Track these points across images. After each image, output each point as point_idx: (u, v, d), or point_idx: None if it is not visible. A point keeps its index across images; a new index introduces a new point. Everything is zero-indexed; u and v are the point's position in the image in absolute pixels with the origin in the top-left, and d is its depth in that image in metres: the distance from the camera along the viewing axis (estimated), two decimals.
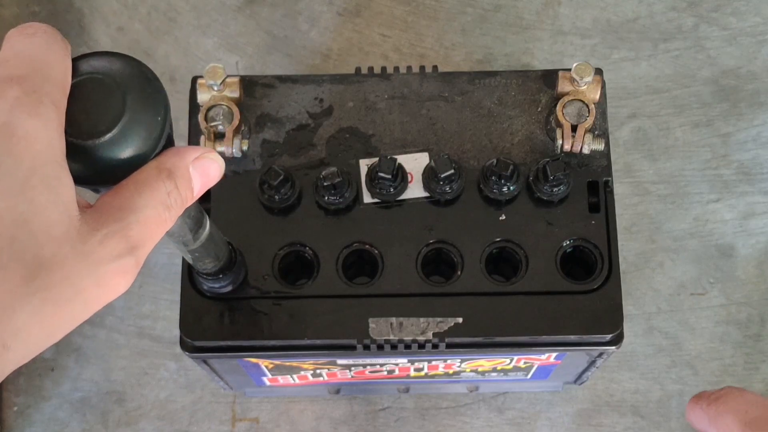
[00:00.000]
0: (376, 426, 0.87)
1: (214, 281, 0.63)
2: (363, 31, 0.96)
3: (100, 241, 0.38)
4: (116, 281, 0.38)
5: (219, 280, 0.63)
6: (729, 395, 0.54)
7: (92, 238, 0.37)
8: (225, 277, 0.63)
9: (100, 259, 0.37)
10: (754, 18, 0.96)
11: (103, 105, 0.39)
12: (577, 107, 0.66)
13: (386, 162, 0.65)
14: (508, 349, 0.68)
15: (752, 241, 0.91)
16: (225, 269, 0.62)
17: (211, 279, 0.63)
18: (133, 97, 0.39)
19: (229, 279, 0.64)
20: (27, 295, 0.35)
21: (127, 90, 0.39)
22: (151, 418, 0.88)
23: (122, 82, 0.40)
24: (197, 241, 0.54)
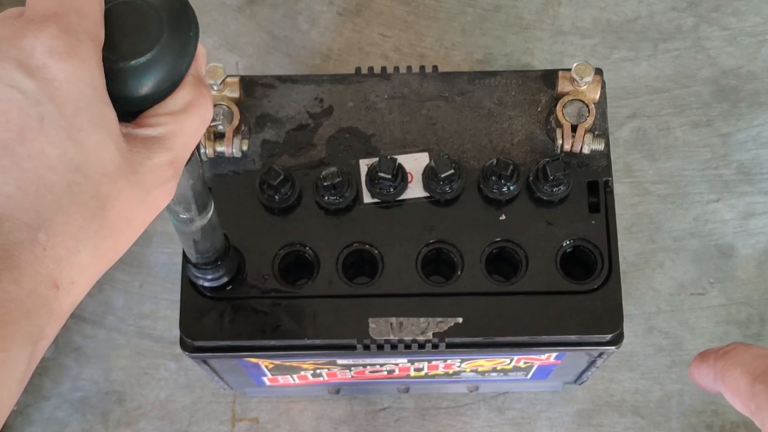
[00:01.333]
0: (376, 426, 0.87)
1: (212, 271, 0.62)
2: (363, 31, 0.96)
3: (152, 169, 0.39)
4: (163, 201, 0.40)
5: (216, 269, 0.62)
6: (736, 350, 0.53)
7: (143, 167, 0.38)
8: (221, 267, 0.62)
9: (151, 185, 0.39)
10: (754, 18, 0.96)
11: (140, 25, 0.39)
12: (577, 107, 0.66)
13: (386, 162, 0.65)
14: (508, 349, 0.68)
15: (752, 241, 0.91)
16: (221, 258, 0.62)
17: (209, 270, 0.62)
18: (167, 14, 0.40)
19: (224, 269, 0.63)
20: (89, 235, 0.36)
21: (159, 8, 0.40)
22: (151, 418, 0.88)
23: (155, 6, 0.40)
24: (203, 217, 0.54)
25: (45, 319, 0.36)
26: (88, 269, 0.37)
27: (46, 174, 0.35)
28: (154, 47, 0.39)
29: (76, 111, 0.36)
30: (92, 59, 0.36)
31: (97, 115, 0.36)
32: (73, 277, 0.36)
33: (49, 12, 0.36)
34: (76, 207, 0.36)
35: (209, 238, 0.58)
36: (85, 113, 0.36)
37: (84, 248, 0.36)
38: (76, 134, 0.36)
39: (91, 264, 0.37)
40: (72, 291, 0.37)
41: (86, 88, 0.36)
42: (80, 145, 0.36)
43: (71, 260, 0.36)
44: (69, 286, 0.36)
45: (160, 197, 0.40)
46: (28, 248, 0.35)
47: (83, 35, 0.36)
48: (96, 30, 0.37)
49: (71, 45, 0.36)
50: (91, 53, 0.37)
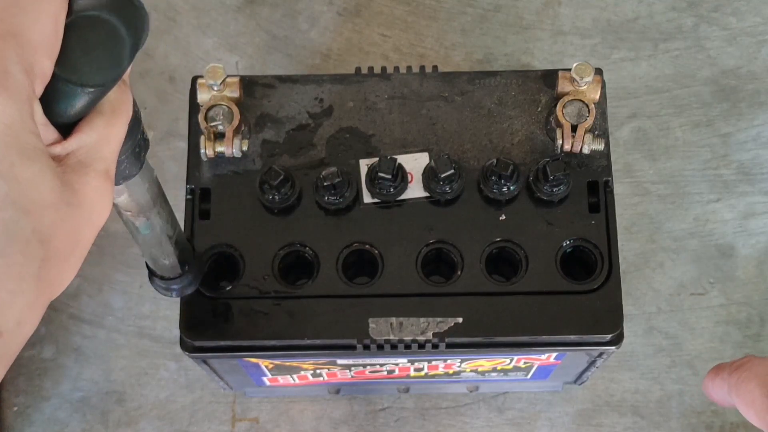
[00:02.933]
0: (376, 426, 0.87)
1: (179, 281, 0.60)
2: (363, 31, 0.96)
3: (90, 185, 0.37)
4: (104, 214, 0.39)
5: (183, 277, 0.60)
6: (751, 362, 0.52)
7: (81, 185, 0.37)
8: (188, 274, 0.60)
9: (92, 202, 0.37)
10: (754, 18, 0.96)
11: (103, 47, 0.37)
12: (577, 107, 0.66)
13: (386, 162, 0.65)
14: (508, 349, 0.68)
15: (752, 241, 0.91)
16: (187, 264, 0.60)
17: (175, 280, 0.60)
18: (132, 36, 0.37)
19: (191, 276, 0.60)
20: (33, 271, 0.34)
21: (127, 27, 0.37)
22: (151, 418, 0.88)
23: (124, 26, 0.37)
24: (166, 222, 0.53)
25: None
26: (35, 304, 0.35)
27: None
28: (114, 77, 0.37)
29: (5, 147, 0.33)
30: (21, 93, 0.33)
31: (28, 148, 0.34)
32: (20, 317, 0.34)
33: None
34: (15, 246, 0.33)
35: (174, 241, 0.56)
36: (14, 148, 0.33)
37: (28, 286, 0.34)
38: (7, 170, 0.33)
39: (37, 299, 0.35)
40: (19, 332, 0.34)
41: (14, 122, 0.33)
42: (13, 181, 0.33)
43: (14, 302, 0.33)
44: (15, 329, 0.34)
45: (101, 212, 0.38)
46: None
47: (15, 66, 0.33)
48: (36, 58, 0.34)
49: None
50: (20, 86, 0.33)
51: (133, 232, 0.54)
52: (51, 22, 0.35)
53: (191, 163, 0.68)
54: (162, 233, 0.55)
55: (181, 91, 0.93)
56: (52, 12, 0.35)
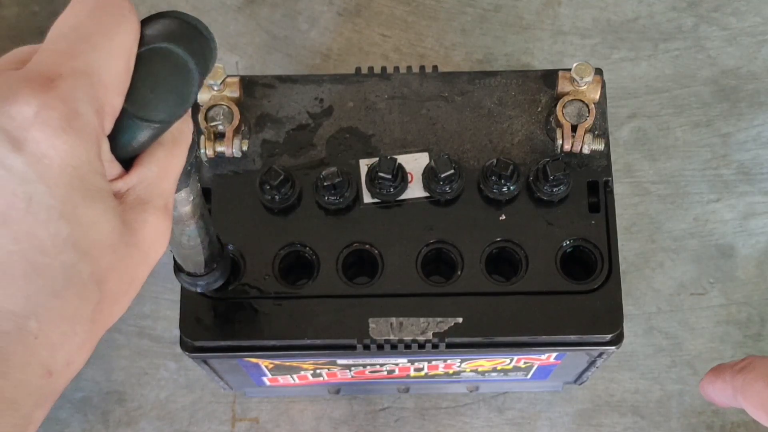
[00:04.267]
0: (376, 426, 0.87)
1: (206, 277, 0.60)
2: (363, 31, 0.96)
3: (149, 224, 0.36)
4: (160, 251, 0.38)
5: (211, 273, 0.60)
6: (754, 363, 0.52)
7: (141, 224, 0.36)
8: (216, 271, 0.60)
9: (150, 241, 0.36)
10: (754, 18, 0.96)
11: (172, 82, 0.36)
12: (577, 107, 0.66)
13: (386, 162, 0.65)
14: (508, 349, 0.68)
15: (752, 241, 0.91)
16: (216, 262, 0.60)
17: (203, 276, 0.60)
18: (201, 69, 0.36)
19: (219, 273, 0.61)
20: (87, 313, 0.34)
21: (196, 61, 0.36)
22: (151, 418, 0.88)
23: (194, 60, 0.36)
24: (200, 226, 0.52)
25: (33, 406, 0.33)
26: (86, 345, 0.35)
27: (35, 257, 0.32)
28: (180, 113, 0.36)
29: (70, 188, 0.32)
30: (90, 133, 0.33)
31: (92, 189, 0.33)
32: (70, 358, 0.34)
33: (52, 73, 0.32)
34: (72, 289, 0.33)
35: (206, 245, 0.57)
36: (79, 189, 0.33)
37: (81, 328, 0.34)
38: (70, 212, 0.32)
39: (88, 339, 0.35)
40: (67, 372, 0.34)
41: (81, 164, 0.33)
42: (76, 223, 0.33)
43: (67, 343, 0.33)
44: (64, 369, 0.34)
45: (158, 248, 0.37)
46: (17, 338, 0.32)
47: (86, 106, 0.33)
48: (108, 96, 0.34)
49: (67, 118, 0.32)
50: (90, 127, 0.33)
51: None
52: (123, 58, 0.34)
53: None
54: (196, 240, 0.55)
55: None
56: (124, 48, 0.34)
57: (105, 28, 0.34)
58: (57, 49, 0.33)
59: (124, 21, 0.34)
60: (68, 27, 0.34)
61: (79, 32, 0.33)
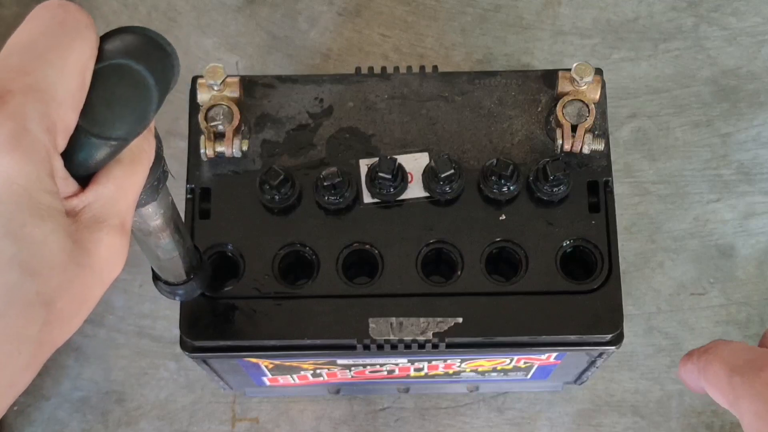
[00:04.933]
0: (376, 426, 0.87)
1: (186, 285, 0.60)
2: (363, 31, 0.96)
3: (103, 243, 0.35)
4: (116, 271, 0.37)
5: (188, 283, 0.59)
6: (716, 346, 0.54)
7: (94, 243, 0.35)
8: (194, 281, 0.60)
9: (104, 260, 0.36)
10: (754, 18, 0.96)
11: (129, 99, 0.35)
12: (577, 107, 0.66)
13: (386, 162, 0.65)
14: (508, 349, 0.68)
15: (752, 241, 0.91)
16: (194, 269, 0.59)
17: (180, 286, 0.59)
18: (161, 87, 0.35)
19: (197, 283, 0.60)
20: (33, 334, 0.33)
21: (156, 78, 0.35)
22: (151, 418, 0.88)
23: (153, 77, 0.35)
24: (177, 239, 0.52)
25: None
26: (31, 366, 0.33)
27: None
28: (138, 131, 0.35)
29: (16, 207, 0.31)
30: (40, 151, 0.32)
31: (41, 207, 0.32)
32: (12, 379, 0.33)
33: (1, 90, 0.31)
34: (16, 309, 0.32)
35: (183, 257, 0.56)
36: (27, 208, 0.32)
37: (26, 348, 0.33)
38: (16, 231, 0.31)
39: (33, 360, 0.33)
40: (10, 392, 0.33)
41: (29, 182, 0.32)
42: (22, 242, 0.32)
43: (10, 364, 0.32)
44: (6, 390, 0.33)
45: (113, 268, 0.37)
46: None
47: (35, 123, 0.32)
48: (60, 113, 0.33)
49: (15, 136, 0.31)
50: (40, 144, 0.32)
51: (141, 246, 0.53)
52: (78, 74, 0.33)
53: (191, 163, 0.68)
54: (172, 253, 0.54)
55: (181, 90, 0.93)
56: (79, 64, 0.33)
57: (59, 44, 0.33)
58: (9, 65, 0.32)
59: (79, 36, 0.33)
60: (22, 43, 0.33)
61: (32, 48, 0.33)
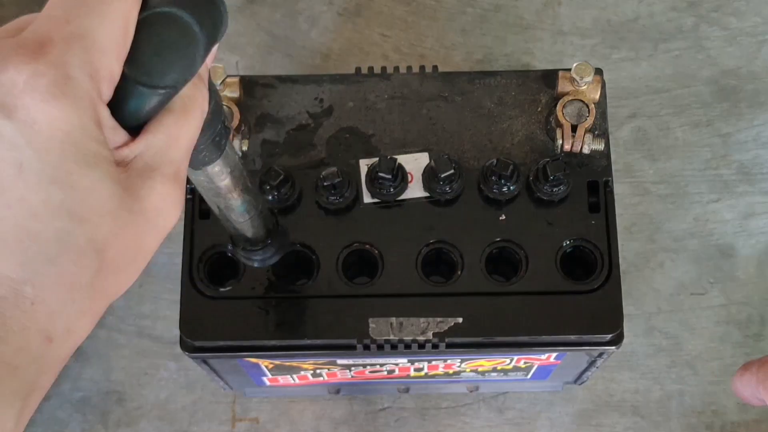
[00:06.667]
0: (376, 426, 0.87)
1: (261, 251, 0.59)
2: (363, 31, 0.96)
3: (157, 191, 0.35)
4: (171, 220, 0.37)
5: (265, 249, 0.59)
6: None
7: (146, 191, 0.35)
8: (270, 246, 0.59)
9: (157, 209, 0.36)
10: (754, 18, 0.96)
11: (176, 47, 0.35)
12: (577, 107, 0.66)
13: (386, 162, 0.65)
14: (508, 349, 0.68)
15: (752, 241, 0.91)
16: (270, 237, 0.58)
17: (257, 250, 0.59)
18: (208, 34, 0.35)
19: (274, 248, 0.59)
20: (86, 281, 0.34)
21: (202, 25, 0.35)
22: (151, 418, 0.88)
23: (200, 24, 0.35)
24: (246, 200, 0.51)
25: (36, 373, 0.34)
26: (87, 313, 0.34)
27: (27, 223, 0.32)
28: (186, 78, 0.35)
29: (62, 154, 0.32)
30: (84, 99, 0.32)
31: (88, 154, 0.33)
32: (69, 325, 0.34)
33: (44, 39, 0.32)
34: (68, 255, 0.33)
35: (256, 219, 0.55)
36: (72, 155, 0.32)
37: (80, 295, 0.34)
38: (63, 177, 0.32)
39: (90, 308, 0.34)
40: (69, 339, 0.34)
41: (74, 129, 0.32)
42: (69, 189, 0.32)
43: (65, 310, 0.33)
44: (65, 335, 0.34)
45: (168, 217, 0.37)
46: (13, 303, 0.32)
47: (78, 70, 0.32)
48: (103, 61, 0.33)
49: (58, 84, 0.32)
50: (83, 92, 0.32)
51: (213, 208, 0.52)
52: (121, 22, 0.33)
53: None
54: (244, 216, 0.54)
55: None
56: (122, 11, 0.33)
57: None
58: (52, 15, 0.33)
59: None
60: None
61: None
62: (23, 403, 0.33)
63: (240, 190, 0.50)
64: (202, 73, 0.38)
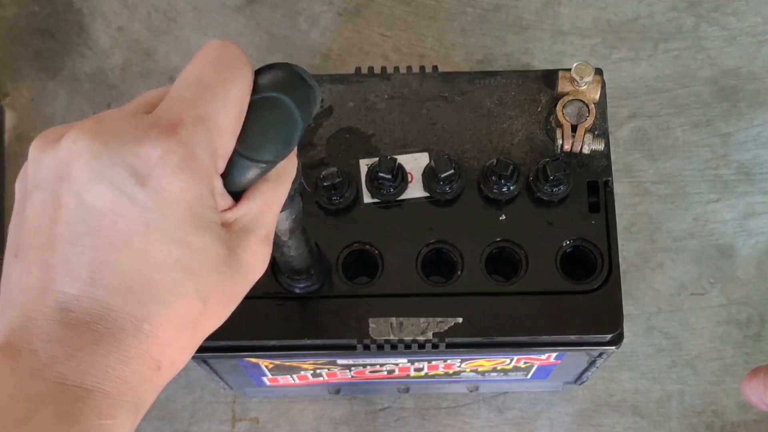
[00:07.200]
0: (376, 426, 0.87)
1: (304, 280, 0.64)
2: (363, 31, 0.96)
3: (251, 250, 0.41)
4: (259, 273, 0.42)
5: (308, 278, 0.64)
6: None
7: (243, 250, 0.40)
8: (313, 275, 0.64)
9: (251, 265, 0.41)
10: (754, 18, 0.96)
11: (278, 127, 0.40)
12: (577, 107, 0.66)
13: (386, 162, 0.65)
14: (508, 349, 0.68)
15: (752, 241, 0.91)
16: (312, 267, 0.63)
17: (301, 279, 0.64)
18: (304, 114, 0.41)
19: (316, 277, 0.64)
20: (190, 323, 0.39)
21: (300, 108, 0.40)
22: (151, 418, 0.88)
23: (298, 108, 0.40)
24: (297, 238, 0.56)
25: (147, 392, 0.39)
26: (188, 349, 0.41)
27: (150, 273, 0.37)
28: (284, 155, 0.40)
29: (182, 219, 0.38)
30: (204, 174, 0.38)
31: (203, 220, 0.38)
32: (174, 357, 0.40)
33: (175, 120, 0.38)
34: (180, 301, 0.38)
35: (305, 256, 0.60)
36: (190, 220, 0.38)
37: (185, 334, 0.40)
38: (182, 238, 0.38)
39: (190, 344, 0.41)
40: (172, 368, 0.41)
41: (194, 199, 0.38)
42: (186, 248, 0.38)
43: (173, 345, 0.39)
44: (170, 366, 0.40)
45: (257, 272, 0.42)
46: (133, 335, 0.38)
47: (202, 150, 0.38)
48: (222, 141, 0.38)
49: (185, 160, 0.37)
50: (205, 168, 0.38)
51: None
52: (237, 107, 0.39)
53: None
54: (296, 252, 0.58)
55: None
56: (238, 98, 0.39)
57: (223, 80, 0.39)
58: (181, 97, 0.38)
59: (240, 74, 0.40)
60: (192, 78, 0.39)
61: (201, 83, 0.39)
62: (135, 415, 0.39)
63: (298, 231, 0.55)
64: (293, 153, 0.43)
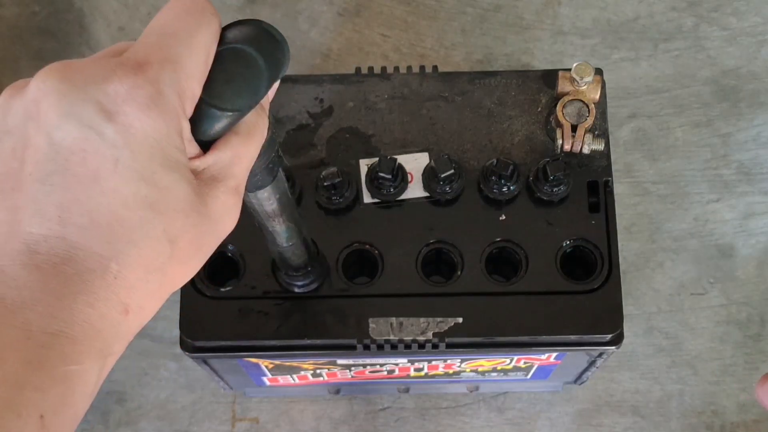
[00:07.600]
0: (376, 426, 0.87)
1: (302, 278, 0.64)
2: (363, 31, 0.96)
3: (220, 199, 0.41)
4: (229, 226, 0.43)
5: (306, 275, 0.64)
6: None
7: (212, 198, 0.41)
8: (310, 273, 0.64)
9: (219, 214, 0.41)
10: (754, 18, 0.96)
11: (244, 77, 0.41)
12: (577, 107, 0.66)
13: (386, 162, 0.65)
14: (508, 349, 0.68)
15: (752, 241, 0.91)
16: (310, 264, 0.63)
17: (299, 276, 0.64)
18: (271, 68, 0.42)
19: (313, 275, 0.64)
20: (159, 266, 0.39)
21: (266, 61, 0.42)
22: (151, 418, 0.88)
23: (264, 59, 0.42)
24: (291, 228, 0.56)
25: (114, 338, 0.39)
26: (156, 295, 0.40)
27: (118, 210, 0.37)
28: (250, 104, 0.41)
29: (150, 156, 0.38)
30: (171, 112, 0.38)
31: (170, 159, 0.39)
32: (142, 302, 0.39)
33: (142, 60, 0.38)
34: (147, 241, 0.38)
35: (298, 247, 0.60)
36: (158, 158, 0.38)
37: (153, 277, 0.39)
38: (149, 176, 0.38)
39: (158, 290, 0.40)
40: (140, 315, 0.40)
41: (161, 137, 0.38)
42: (153, 185, 0.38)
43: (141, 288, 0.39)
44: (138, 311, 0.40)
45: (227, 223, 0.42)
46: (101, 276, 0.37)
47: (169, 89, 0.38)
48: (188, 83, 0.39)
49: (152, 97, 0.38)
50: (172, 106, 0.38)
51: (262, 230, 0.57)
52: (203, 53, 0.40)
53: None
54: (286, 239, 0.58)
55: None
56: (204, 45, 0.40)
57: (190, 27, 0.40)
58: (148, 42, 0.39)
59: (207, 22, 0.41)
60: (159, 25, 0.40)
61: (167, 29, 0.40)
62: (103, 362, 0.39)
63: (286, 216, 0.55)
64: (264, 103, 0.44)
